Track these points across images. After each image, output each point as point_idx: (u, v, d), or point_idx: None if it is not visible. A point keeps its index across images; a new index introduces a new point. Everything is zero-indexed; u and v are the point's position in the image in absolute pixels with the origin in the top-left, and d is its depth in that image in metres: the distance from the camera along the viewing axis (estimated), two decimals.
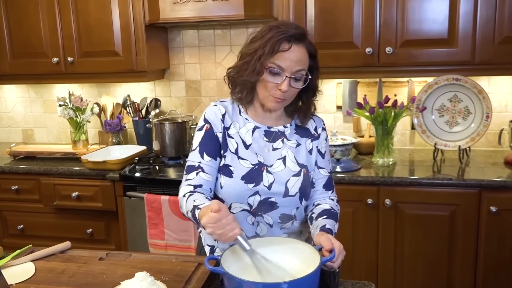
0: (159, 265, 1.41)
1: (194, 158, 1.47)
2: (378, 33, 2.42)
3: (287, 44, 1.35)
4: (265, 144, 1.48)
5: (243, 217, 1.46)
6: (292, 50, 1.35)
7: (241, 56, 1.45)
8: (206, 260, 1.16)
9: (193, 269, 1.37)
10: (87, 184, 2.66)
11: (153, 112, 3.03)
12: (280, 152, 1.48)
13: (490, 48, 2.31)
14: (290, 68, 1.36)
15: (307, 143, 1.52)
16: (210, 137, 1.47)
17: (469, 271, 2.28)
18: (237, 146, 1.47)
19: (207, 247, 1.60)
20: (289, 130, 1.52)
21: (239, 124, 1.50)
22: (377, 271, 2.38)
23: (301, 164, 1.48)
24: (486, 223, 2.21)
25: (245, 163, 1.45)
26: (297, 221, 1.51)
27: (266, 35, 1.37)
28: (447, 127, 2.57)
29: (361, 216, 2.34)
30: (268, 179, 1.44)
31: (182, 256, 1.49)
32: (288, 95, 1.41)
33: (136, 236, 2.60)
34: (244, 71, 1.41)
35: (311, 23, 2.49)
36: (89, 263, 1.45)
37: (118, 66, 2.79)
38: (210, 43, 3.02)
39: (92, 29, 2.77)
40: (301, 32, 1.38)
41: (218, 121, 1.48)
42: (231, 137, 1.48)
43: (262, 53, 1.36)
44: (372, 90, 2.78)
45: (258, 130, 1.49)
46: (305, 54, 1.39)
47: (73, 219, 2.76)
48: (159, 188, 2.49)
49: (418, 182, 2.27)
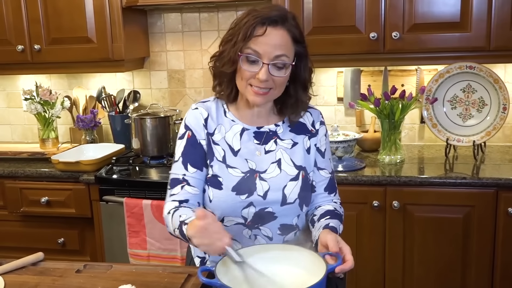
0: (144, 277, 1.42)
1: (177, 170, 1.47)
2: (384, 16, 2.44)
3: (261, 28, 1.35)
4: (255, 147, 1.48)
5: (238, 230, 1.47)
6: (267, 33, 1.35)
7: (220, 45, 1.46)
8: (199, 272, 1.17)
9: (183, 281, 1.38)
10: (58, 187, 2.65)
11: (131, 106, 3.03)
12: (274, 154, 1.47)
13: (507, 32, 2.35)
14: (267, 54, 1.35)
15: (304, 141, 1.51)
16: (193, 145, 1.47)
17: (485, 279, 2.31)
18: (224, 154, 1.47)
19: (197, 259, 1.61)
20: (282, 128, 1.51)
21: (224, 127, 1.49)
22: (384, 281, 2.41)
23: (299, 166, 1.48)
24: (504, 226, 2.25)
25: (234, 171, 1.45)
26: (300, 231, 1.51)
27: (243, 19, 1.38)
28: (460, 121, 2.61)
29: (366, 219, 2.36)
30: (263, 187, 1.43)
31: (170, 267, 1.50)
32: (271, 86, 1.39)
33: (114, 246, 2.60)
34: (221, 61, 1.43)
35: (309, 5, 2.50)
36: (65, 276, 1.45)
37: (91, 55, 2.78)
38: (195, 28, 3.02)
39: (61, 12, 2.76)
40: (280, 14, 1.37)
41: (200, 127, 1.48)
42: (216, 144, 1.47)
43: (236, 39, 1.37)
44: (377, 79, 2.81)
45: (247, 132, 1.49)
46: (286, 38, 1.37)
47: (42, 227, 2.74)
48: (140, 191, 2.49)
49: (429, 181, 2.30)
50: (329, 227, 1.38)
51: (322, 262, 1.18)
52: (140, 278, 1.41)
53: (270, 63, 1.36)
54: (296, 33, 1.40)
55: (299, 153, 1.50)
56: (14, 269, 1.50)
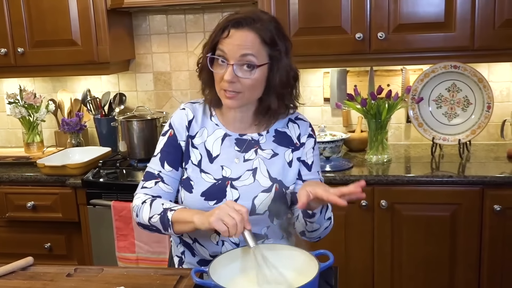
0: (136, 279, 1.42)
1: (154, 165, 1.52)
2: (369, 16, 2.47)
3: (226, 30, 1.37)
4: (235, 154, 1.48)
5: (206, 235, 1.47)
6: (231, 35, 1.36)
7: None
8: (193, 272, 1.18)
9: (175, 283, 1.39)
10: (44, 192, 2.64)
11: (117, 108, 3.02)
12: (251, 163, 1.47)
13: (490, 32, 2.40)
14: (232, 53, 1.35)
15: (286, 154, 1.50)
16: (172, 145, 1.51)
17: (472, 275, 2.36)
18: (201, 158, 1.48)
19: (176, 258, 1.63)
20: (265, 138, 1.50)
21: (207, 131, 1.50)
22: (373, 280, 2.45)
23: (274, 178, 1.47)
24: (490, 223, 2.29)
25: (207, 177, 1.46)
26: (269, 240, 1.50)
27: (218, 24, 1.41)
28: (446, 120, 2.65)
29: (354, 219, 2.39)
30: (232, 195, 1.44)
31: (161, 269, 1.51)
32: (240, 89, 1.37)
33: (102, 250, 2.59)
34: (200, 66, 1.47)
35: (295, 5, 2.53)
36: (56, 280, 1.45)
37: (76, 57, 2.78)
38: (181, 30, 3.03)
39: (45, 15, 2.75)
40: (246, 16, 1.37)
41: (183, 128, 1.51)
42: (195, 147, 1.49)
43: (206, 43, 1.42)
44: (363, 80, 2.85)
45: (229, 138, 1.49)
46: (252, 38, 1.35)
47: (28, 232, 2.73)
48: (128, 194, 2.49)
49: (416, 180, 2.33)
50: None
51: (314, 261, 1.20)
52: (132, 280, 1.41)
53: (235, 63, 1.35)
54: (265, 35, 1.36)
55: (278, 165, 1.48)
56: (4, 274, 1.49)
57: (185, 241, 1.56)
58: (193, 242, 1.53)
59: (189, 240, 1.53)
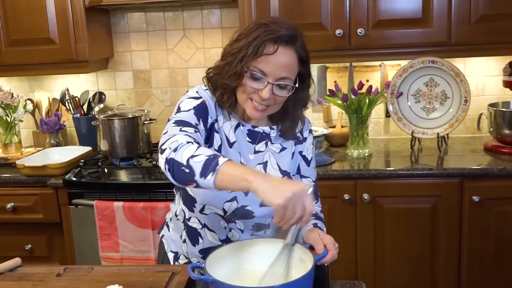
0: (128, 277, 1.42)
1: (188, 117, 1.36)
2: (349, 13, 2.51)
3: (272, 46, 1.32)
4: (247, 145, 1.48)
5: (215, 219, 1.49)
6: (278, 53, 1.32)
7: (223, 56, 1.42)
8: (189, 268, 1.19)
9: (167, 279, 1.39)
10: (24, 193, 2.61)
11: (97, 107, 3.00)
12: (262, 156, 1.49)
13: (466, 27, 2.46)
14: (274, 74, 1.34)
15: (291, 147, 1.54)
16: (204, 110, 1.41)
17: (452, 265, 2.42)
18: (221, 143, 1.46)
19: (170, 254, 1.63)
20: (275, 132, 1.52)
21: (223, 116, 1.48)
22: (356, 272, 2.49)
23: (284, 171, 1.50)
24: (469, 214, 2.36)
25: None
26: (269, 229, 1.55)
27: (252, 33, 1.35)
28: (424, 114, 2.71)
29: (337, 213, 2.43)
30: None
31: (152, 267, 1.51)
32: (271, 104, 1.38)
33: (85, 250, 2.57)
34: (225, 73, 1.39)
35: (275, 2, 2.54)
36: (45, 280, 1.44)
37: (54, 56, 2.74)
38: (160, 27, 3.02)
39: (21, 13, 2.71)
40: (292, 33, 1.35)
41: (212, 106, 1.44)
42: (216, 132, 1.46)
43: (244, 54, 1.34)
44: (343, 76, 2.88)
45: (242, 128, 1.49)
46: (294, 59, 1.35)
47: (8, 234, 2.69)
48: (111, 193, 2.48)
49: (397, 174, 2.38)
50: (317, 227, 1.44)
51: (309, 254, 1.22)
52: (124, 278, 1.41)
53: (274, 83, 1.35)
54: (302, 54, 1.38)
55: (286, 158, 1.52)
56: None
57: (192, 227, 1.53)
58: (202, 227, 1.51)
59: (198, 225, 1.51)
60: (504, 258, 2.39)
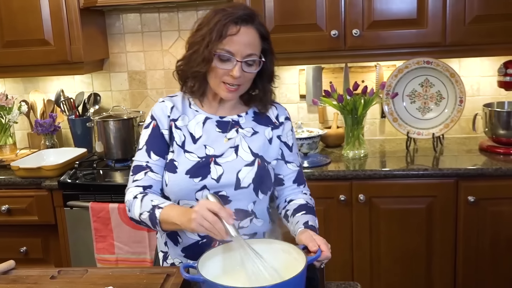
0: (122, 279, 1.42)
1: (140, 157, 1.54)
2: (344, 14, 2.51)
3: (234, 27, 1.42)
4: (217, 134, 1.53)
5: None
6: (241, 33, 1.42)
7: (188, 46, 1.51)
8: (182, 268, 1.19)
9: (162, 281, 1.39)
10: (19, 195, 2.60)
11: (92, 109, 2.99)
12: (233, 141, 1.53)
13: (461, 28, 2.46)
14: (240, 52, 1.42)
15: (266, 132, 1.57)
16: (156, 135, 1.54)
17: (448, 265, 2.42)
18: (184, 139, 1.53)
19: (160, 254, 1.64)
20: (244, 119, 1.57)
21: (188, 117, 1.56)
22: (352, 272, 2.49)
23: (255, 153, 1.53)
24: (465, 214, 2.36)
25: (191, 156, 1.51)
26: (257, 220, 1.54)
27: (212, 19, 1.43)
28: (419, 114, 2.71)
29: (333, 214, 2.43)
30: (217, 171, 1.49)
31: (147, 268, 1.51)
32: (242, 82, 1.46)
33: (80, 252, 2.57)
34: (194, 62, 1.46)
35: (270, 3, 2.55)
36: (40, 283, 1.44)
37: (49, 57, 2.73)
38: (155, 28, 3.02)
39: (16, 14, 2.70)
40: (250, 12, 1.45)
41: (164, 116, 1.54)
42: (178, 129, 1.53)
43: (209, 39, 1.42)
44: (338, 76, 2.88)
45: (210, 120, 1.55)
46: (256, 36, 1.45)
47: (3, 236, 2.67)
48: (106, 195, 2.47)
49: (393, 174, 2.38)
50: (308, 226, 1.44)
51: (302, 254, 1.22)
52: (119, 280, 1.41)
53: (242, 61, 1.43)
54: (263, 31, 1.48)
55: (258, 141, 1.55)
56: None
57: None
58: None
59: None
60: (500, 258, 2.39)
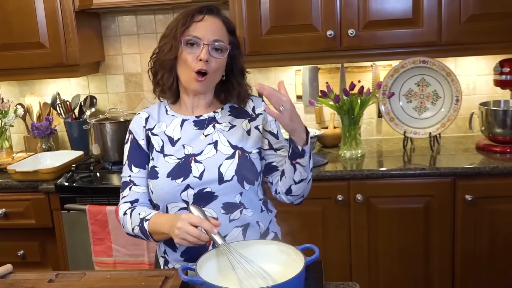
0: (120, 282, 1.41)
1: (125, 173, 1.60)
2: (339, 14, 2.51)
3: (200, 16, 1.48)
4: (195, 133, 1.55)
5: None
6: (206, 19, 1.48)
7: (159, 42, 1.56)
8: (180, 270, 1.18)
9: (160, 284, 1.38)
10: (16, 198, 2.60)
11: (88, 111, 2.98)
12: (211, 137, 1.55)
13: (457, 27, 2.47)
14: (207, 37, 1.47)
15: (243, 124, 1.58)
16: (135, 148, 1.58)
17: (446, 264, 2.42)
18: (163, 144, 1.55)
19: (161, 259, 1.63)
20: (220, 114, 1.59)
21: (165, 123, 1.58)
22: (350, 273, 2.49)
23: (235, 146, 1.54)
24: (462, 213, 2.36)
25: (170, 159, 1.52)
26: (247, 210, 1.53)
27: (178, 17, 1.51)
28: (416, 114, 2.72)
29: (331, 214, 2.43)
30: (198, 169, 1.49)
31: (145, 271, 1.50)
32: (210, 70, 1.47)
33: (77, 255, 2.56)
34: (162, 52, 1.52)
35: (266, 4, 2.54)
36: (37, 287, 1.42)
37: (45, 60, 2.73)
38: (151, 30, 3.01)
39: (10, 17, 2.69)
40: (214, 5, 1.52)
41: (140, 128, 1.59)
42: (155, 135, 1.56)
43: (176, 28, 1.48)
44: (334, 76, 2.89)
45: (187, 122, 1.57)
46: (222, 26, 1.51)
47: (0, 240, 2.67)
48: (103, 197, 2.47)
49: (390, 174, 2.38)
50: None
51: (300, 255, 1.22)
52: (117, 283, 1.40)
53: (209, 44, 1.46)
54: (230, 25, 1.54)
55: (236, 134, 1.56)
56: None
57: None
58: None
59: None
60: (498, 257, 2.40)
